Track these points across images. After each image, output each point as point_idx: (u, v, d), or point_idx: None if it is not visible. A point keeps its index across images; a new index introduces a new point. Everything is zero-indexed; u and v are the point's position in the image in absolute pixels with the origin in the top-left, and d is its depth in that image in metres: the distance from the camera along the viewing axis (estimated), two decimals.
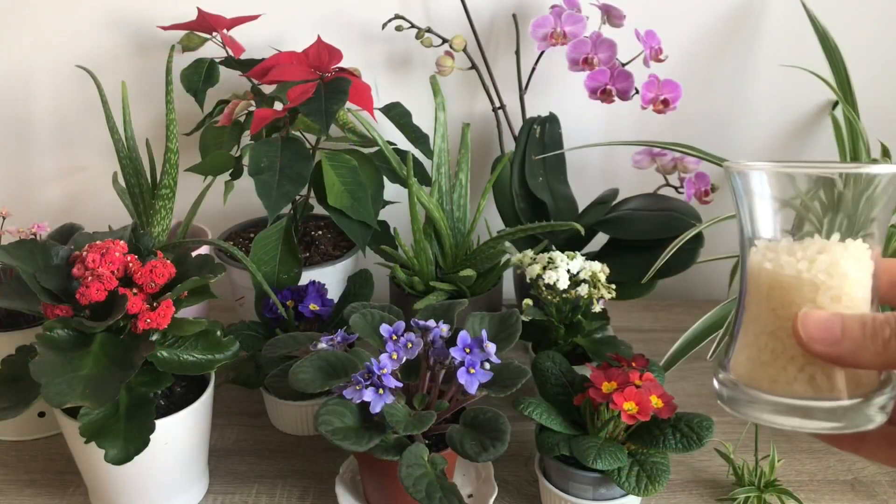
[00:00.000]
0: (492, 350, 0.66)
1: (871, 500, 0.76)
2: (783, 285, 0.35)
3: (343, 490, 0.75)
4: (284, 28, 1.03)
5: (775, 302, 0.35)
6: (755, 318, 0.36)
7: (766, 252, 0.36)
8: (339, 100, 0.81)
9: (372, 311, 0.72)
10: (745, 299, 0.37)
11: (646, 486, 0.67)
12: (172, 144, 0.87)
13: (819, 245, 0.35)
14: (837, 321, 0.32)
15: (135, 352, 0.65)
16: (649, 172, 1.03)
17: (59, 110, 1.08)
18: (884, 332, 0.31)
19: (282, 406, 0.85)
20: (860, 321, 0.32)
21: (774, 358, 0.35)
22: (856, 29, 1.03)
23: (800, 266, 0.35)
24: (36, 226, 0.87)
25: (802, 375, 0.35)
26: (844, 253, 0.35)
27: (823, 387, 0.34)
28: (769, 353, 0.35)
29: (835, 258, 0.34)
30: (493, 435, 0.64)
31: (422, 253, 0.87)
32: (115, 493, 0.72)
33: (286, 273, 0.88)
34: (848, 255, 0.35)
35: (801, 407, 0.34)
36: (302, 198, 0.97)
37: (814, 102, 1.08)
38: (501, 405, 0.70)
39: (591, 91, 0.92)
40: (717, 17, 1.04)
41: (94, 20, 1.03)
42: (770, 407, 0.35)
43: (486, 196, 0.90)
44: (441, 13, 1.03)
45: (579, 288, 0.82)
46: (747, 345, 0.37)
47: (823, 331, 0.33)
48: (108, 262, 0.66)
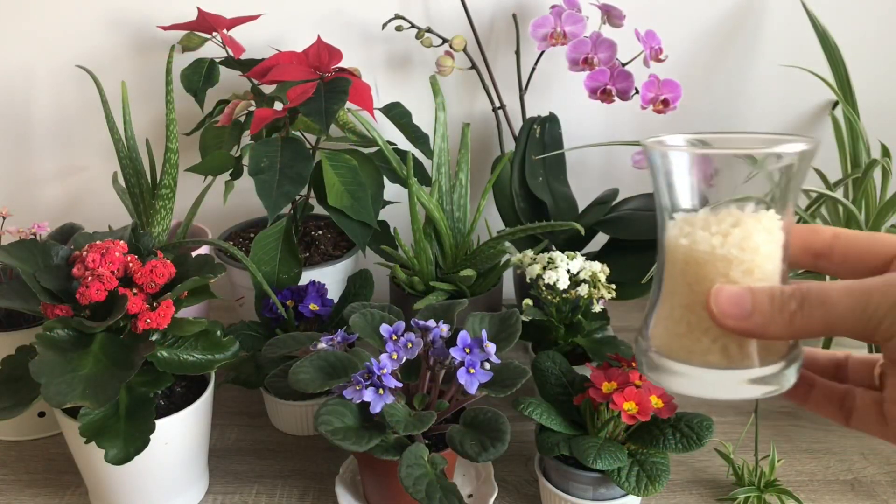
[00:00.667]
0: (492, 350, 0.66)
1: (871, 500, 0.76)
2: (697, 261, 0.36)
3: (343, 490, 0.75)
4: (284, 28, 1.03)
5: (690, 277, 0.36)
6: (672, 291, 0.38)
7: (683, 226, 0.37)
8: (339, 100, 0.81)
9: (372, 311, 0.72)
10: (662, 272, 0.38)
11: (646, 486, 0.67)
12: (172, 144, 0.87)
13: (734, 217, 0.36)
14: (748, 296, 0.34)
15: (135, 352, 0.65)
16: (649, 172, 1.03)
17: (59, 110, 1.08)
18: (790, 305, 0.33)
19: (282, 406, 0.85)
20: (769, 295, 0.34)
21: (690, 330, 0.36)
22: (856, 29, 1.03)
23: (713, 241, 0.36)
24: (36, 226, 0.87)
25: (716, 346, 0.36)
26: (757, 226, 0.36)
27: (736, 357, 0.36)
28: (685, 325, 0.37)
29: (747, 232, 0.35)
30: (493, 435, 0.64)
31: (422, 253, 0.87)
32: (115, 493, 0.72)
33: (286, 273, 0.88)
34: (761, 227, 0.36)
35: (715, 376, 0.36)
36: (302, 198, 0.97)
37: (814, 102, 1.08)
38: (501, 405, 0.70)
39: (591, 91, 0.92)
40: (717, 17, 1.04)
41: (94, 20, 1.03)
42: (685, 378, 0.36)
43: (486, 196, 0.90)
44: (441, 13, 1.03)
45: (579, 288, 0.82)
46: (664, 316, 0.38)
47: (734, 306, 0.34)
48: (108, 262, 0.66)
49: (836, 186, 0.92)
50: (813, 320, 0.32)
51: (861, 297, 0.31)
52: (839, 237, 0.38)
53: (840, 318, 0.32)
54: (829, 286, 0.33)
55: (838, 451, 0.83)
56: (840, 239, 0.38)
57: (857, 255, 0.37)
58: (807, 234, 0.39)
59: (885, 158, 0.91)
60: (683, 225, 0.37)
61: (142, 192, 0.93)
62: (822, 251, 0.39)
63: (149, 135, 1.00)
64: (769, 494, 0.74)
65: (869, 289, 0.31)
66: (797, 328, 0.33)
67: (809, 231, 0.39)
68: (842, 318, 0.32)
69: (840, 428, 0.86)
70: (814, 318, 0.32)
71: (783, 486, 0.75)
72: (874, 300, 0.31)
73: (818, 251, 0.39)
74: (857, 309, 0.31)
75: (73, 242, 0.74)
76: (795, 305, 0.33)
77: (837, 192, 0.90)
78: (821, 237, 0.38)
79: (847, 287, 0.32)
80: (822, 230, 0.39)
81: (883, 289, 0.31)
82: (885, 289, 0.31)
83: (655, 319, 0.38)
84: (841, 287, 0.32)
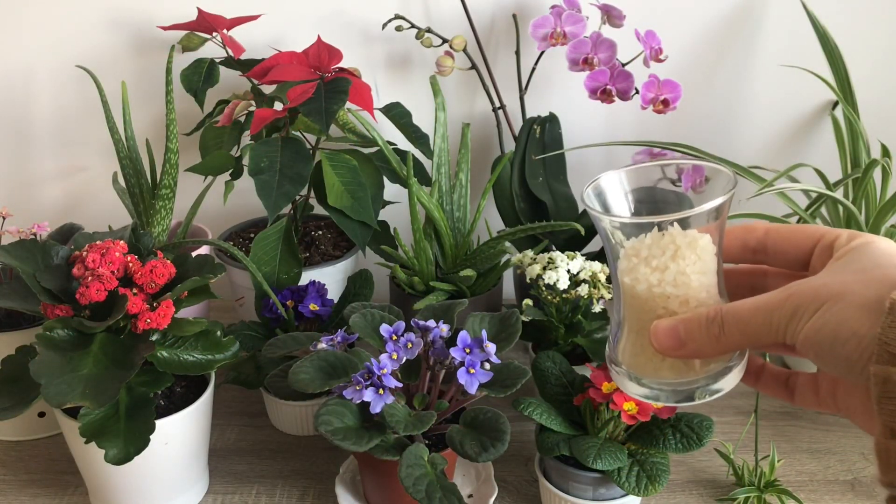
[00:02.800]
0: (492, 350, 0.66)
1: (871, 500, 0.76)
2: (640, 297, 0.41)
3: (343, 490, 0.75)
4: (284, 28, 1.03)
5: (636, 309, 0.42)
6: (626, 316, 0.43)
7: (630, 258, 0.41)
8: (339, 100, 0.81)
9: (372, 311, 0.72)
10: (618, 296, 0.43)
11: (646, 486, 0.67)
12: (172, 144, 0.87)
13: (673, 247, 0.40)
14: (681, 328, 0.39)
15: (135, 352, 0.65)
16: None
17: (59, 110, 1.08)
18: (713, 330, 0.38)
19: (282, 406, 0.85)
20: (696, 324, 0.39)
21: (643, 350, 0.42)
22: (856, 29, 1.03)
23: (651, 280, 0.40)
24: (36, 226, 0.87)
25: (665, 364, 0.41)
26: (691, 257, 0.40)
27: (683, 371, 0.41)
28: (640, 347, 0.42)
29: (681, 268, 0.40)
30: (493, 435, 0.64)
31: (422, 253, 0.87)
32: (115, 493, 0.72)
33: (286, 273, 0.88)
34: (695, 257, 0.40)
35: (669, 387, 0.42)
36: (302, 198, 0.97)
37: (814, 102, 1.08)
38: (501, 405, 0.70)
39: (591, 91, 0.92)
40: (717, 17, 1.04)
41: (94, 20, 1.03)
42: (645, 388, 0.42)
43: (486, 196, 0.90)
44: (441, 13, 1.03)
45: (579, 288, 0.82)
46: (623, 337, 0.43)
47: (671, 338, 0.39)
48: (108, 262, 0.66)
49: (836, 186, 0.92)
50: (734, 338, 0.38)
51: (766, 314, 0.37)
52: (769, 233, 0.43)
53: (755, 333, 0.37)
54: (742, 307, 0.38)
55: (838, 451, 0.83)
56: (770, 235, 0.42)
57: (784, 248, 0.42)
58: (742, 234, 0.43)
59: (885, 158, 0.91)
60: (631, 257, 0.41)
61: (142, 192, 0.93)
62: (757, 248, 0.43)
63: (149, 135, 1.00)
64: (769, 494, 0.74)
65: (771, 306, 0.37)
66: (724, 347, 0.38)
67: (744, 231, 0.43)
68: (756, 332, 0.37)
69: (840, 428, 0.86)
70: (735, 336, 0.38)
71: (783, 487, 0.75)
72: (776, 315, 0.36)
73: (754, 248, 0.43)
74: (764, 324, 0.37)
75: (73, 242, 0.74)
76: (717, 329, 0.38)
77: (837, 192, 0.90)
78: (755, 235, 0.43)
79: (755, 306, 0.37)
80: (755, 228, 0.43)
81: (780, 304, 0.36)
82: (782, 303, 0.36)
83: (618, 336, 0.44)
84: (751, 306, 0.37)
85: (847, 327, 0.34)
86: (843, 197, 0.90)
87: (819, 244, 0.40)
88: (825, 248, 0.40)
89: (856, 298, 0.34)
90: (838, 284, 0.35)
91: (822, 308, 0.35)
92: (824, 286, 0.36)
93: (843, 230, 0.40)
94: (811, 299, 0.35)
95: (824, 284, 0.36)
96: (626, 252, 0.42)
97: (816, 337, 0.35)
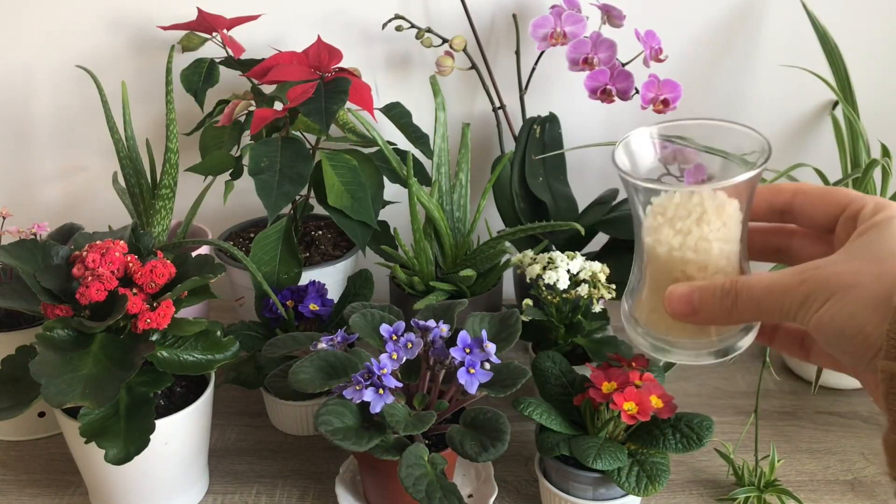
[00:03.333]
0: (492, 350, 0.66)
1: (871, 500, 0.76)
2: (659, 259, 0.41)
3: (343, 490, 0.75)
4: (284, 28, 1.03)
5: (655, 269, 0.42)
6: (645, 274, 0.43)
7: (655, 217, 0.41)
8: (339, 100, 0.81)
9: (372, 311, 0.72)
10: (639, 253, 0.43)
11: (646, 486, 0.67)
12: (172, 144, 0.87)
13: (700, 210, 0.40)
14: (695, 295, 0.40)
15: (135, 352, 0.65)
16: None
17: (59, 110, 1.08)
18: (726, 302, 0.39)
19: (282, 406, 0.85)
20: (710, 293, 0.39)
21: (658, 308, 0.42)
22: (856, 29, 1.03)
23: (673, 243, 0.40)
24: (36, 226, 0.87)
25: (679, 324, 0.42)
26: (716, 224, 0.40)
27: (695, 333, 0.42)
28: (656, 305, 0.42)
29: (703, 234, 0.40)
30: (493, 435, 0.64)
31: (422, 253, 0.87)
32: (115, 493, 0.72)
33: (286, 273, 0.88)
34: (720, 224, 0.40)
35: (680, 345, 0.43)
36: (302, 198, 0.97)
37: (814, 102, 1.08)
38: (501, 405, 0.70)
39: (591, 91, 0.92)
40: (717, 17, 1.04)
41: (94, 20, 1.03)
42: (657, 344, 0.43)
43: (486, 196, 0.90)
44: (441, 13, 1.03)
45: (579, 288, 0.82)
46: (641, 293, 0.44)
47: (684, 305, 0.40)
48: (108, 262, 0.66)
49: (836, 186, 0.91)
50: (747, 313, 0.39)
51: (779, 296, 0.37)
52: (797, 195, 0.43)
53: (767, 311, 0.38)
54: (756, 284, 0.38)
55: (838, 451, 0.83)
56: (798, 197, 0.43)
57: (811, 213, 0.42)
58: (770, 196, 0.43)
59: (885, 158, 0.91)
60: (657, 215, 0.41)
61: (142, 192, 0.93)
62: (785, 209, 0.43)
63: (149, 135, 1.00)
64: (769, 494, 0.74)
65: (784, 288, 0.37)
66: (736, 319, 0.39)
67: (772, 192, 0.43)
68: (768, 311, 0.38)
69: (840, 428, 0.86)
70: (747, 311, 0.39)
71: (783, 487, 0.75)
72: (787, 299, 0.37)
73: (781, 209, 0.43)
74: (776, 304, 0.37)
75: (73, 242, 0.73)
76: (731, 302, 0.39)
77: None
78: (782, 197, 0.43)
79: (769, 286, 0.38)
80: (783, 190, 0.43)
81: (793, 288, 0.37)
82: (795, 288, 0.37)
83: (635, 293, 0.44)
84: (765, 286, 0.38)
85: (855, 323, 0.34)
86: None
87: (845, 212, 0.40)
88: (850, 216, 0.40)
89: (865, 293, 0.34)
90: (850, 275, 0.35)
91: (833, 299, 0.35)
92: (836, 275, 0.36)
93: (869, 198, 0.40)
94: (822, 288, 0.36)
95: (837, 273, 0.36)
96: (652, 209, 0.41)
97: (826, 328, 0.35)
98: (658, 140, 0.44)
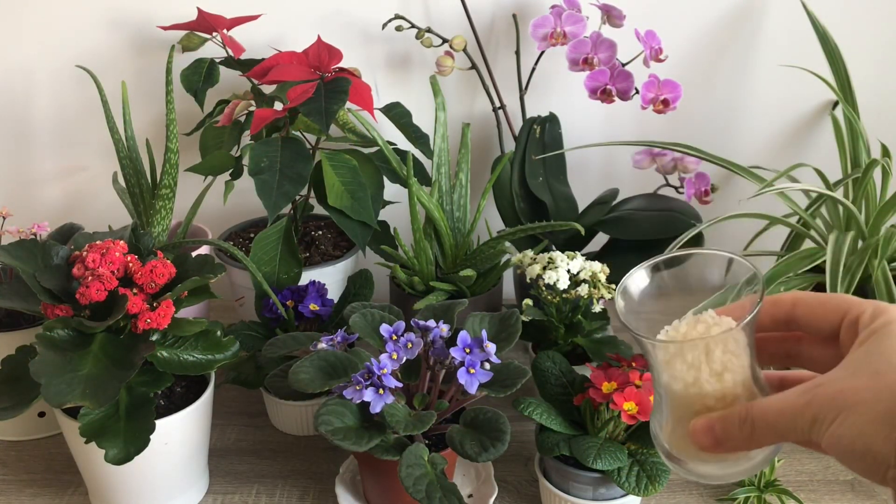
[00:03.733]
0: (492, 350, 0.66)
1: (871, 500, 0.76)
2: (677, 394, 0.43)
3: (343, 490, 0.75)
4: (284, 28, 1.03)
5: (675, 402, 0.44)
6: (666, 405, 0.44)
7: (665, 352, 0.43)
8: (339, 100, 0.81)
9: (372, 311, 0.72)
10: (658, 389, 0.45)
11: (646, 486, 0.67)
12: (172, 144, 0.87)
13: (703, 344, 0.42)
14: (717, 428, 0.41)
15: (135, 352, 0.65)
16: (649, 172, 1.03)
17: (59, 110, 1.08)
18: (746, 430, 0.40)
19: (282, 406, 0.85)
20: (730, 423, 0.41)
21: (684, 437, 0.44)
22: (856, 29, 1.03)
23: (687, 378, 0.42)
24: (36, 226, 0.87)
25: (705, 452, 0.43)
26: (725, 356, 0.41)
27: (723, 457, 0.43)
28: (681, 432, 0.44)
29: (712, 367, 0.42)
30: (493, 435, 0.64)
31: (422, 253, 0.87)
32: (115, 493, 0.72)
33: (286, 273, 0.88)
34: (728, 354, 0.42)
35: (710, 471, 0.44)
36: (302, 198, 0.97)
37: (814, 102, 1.08)
38: (501, 405, 0.70)
39: (591, 91, 0.92)
40: (717, 17, 1.04)
41: (94, 20, 1.03)
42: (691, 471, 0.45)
43: (486, 196, 0.90)
44: (441, 13, 1.03)
45: (579, 288, 0.82)
46: (666, 421, 0.45)
47: (708, 437, 0.42)
48: (108, 262, 0.66)
49: (836, 186, 0.92)
50: (767, 437, 0.40)
51: (790, 419, 0.39)
52: (797, 306, 0.44)
53: (784, 434, 0.39)
54: (769, 409, 0.40)
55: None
56: (798, 308, 0.44)
57: (813, 323, 0.43)
58: (771, 309, 0.44)
59: (885, 158, 0.91)
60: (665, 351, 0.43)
61: (142, 192, 0.93)
62: (788, 319, 0.44)
63: (149, 135, 1.00)
64: (769, 494, 0.74)
65: (794, 411, 0.38)
66: (759, 444, 0.41)
67: (772, 305, 0.44)
68: (784, 433, 0.39)
69: None
70: (766, 436, 0.40)
71: (783, 486, 0.75)
72: (799, 422, 0.38)
73: (785, 320, 0.44)
74: (790, 427, 0.39)
75: (73, 242, 0.73)
76: (749, 429, 0.40)
77: (837, 192, 0.90)
78: (782, 308, 0.44)
79: (780, 409, 0.39)
80: (782, 301, 0.44)
81: (802, 411, 0.38)
82: (803, 410, 0.38)
83: (662, 420, 0.46)
84: (776, 410, 0.39)
85: (862, 442, 0.36)
86: (843, 197, 0.90)
87: (845, 320, 0.41)
88: (851, 323, 0.41)
89: (868, 412, 0.36)
90: (852, 393, 0.37)
91: (838, 419, 0.36)
92: (840, 394, 0.37)
93: (867, 304, 0.41)
94: (829, 408, 0.37)
95: (840, 392, 0.37)
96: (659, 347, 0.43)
97: (836, 448, 0.37)
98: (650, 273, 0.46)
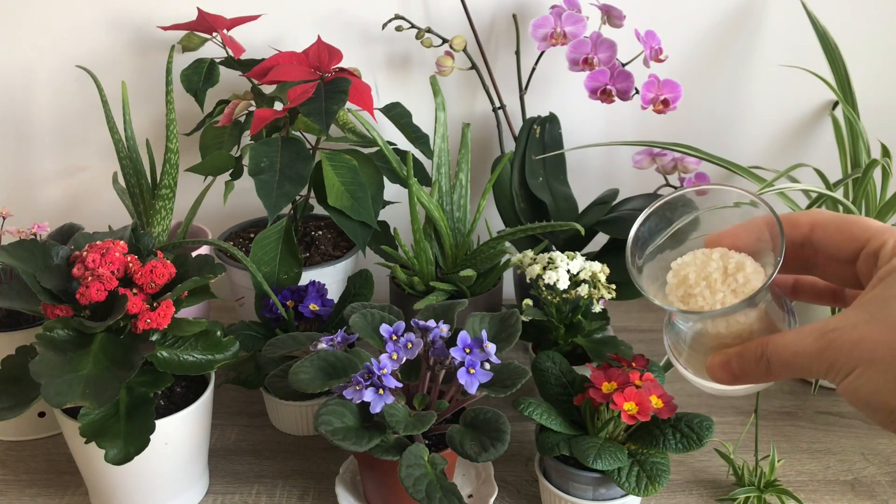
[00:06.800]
0: (492, 350, 0.66)
1: (871, 500, 0.76)
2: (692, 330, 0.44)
3: (343, 490, 0.75)
4: (284, 28, 1.03)
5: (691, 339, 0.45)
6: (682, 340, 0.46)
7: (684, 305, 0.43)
8: (339, 100, 0.81)
9: (372, 311, 0.72)
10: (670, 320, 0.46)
11: (646, 486, 0.67)
12: (172, 144, 0.87)
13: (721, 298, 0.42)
14: (734, 364, 0.42)
15: (135, 352, 0.65)
16: (649, 172, 1.03)
17: (59, 110, 1.08)
18: (762, 366, 0.41)
19: (282, 406, 0.85)
20: (747, 360, 0.41)
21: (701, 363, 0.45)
22: (856, 29, 1.03)
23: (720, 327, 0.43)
24: (36, 226, 0.87)
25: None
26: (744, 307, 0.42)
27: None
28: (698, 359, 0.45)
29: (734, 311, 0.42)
30: (493, 435, 0.64)
31: (422, 253, 0.87)
32: (115, 493, 0.72)
33: (286, 273, 0.88)
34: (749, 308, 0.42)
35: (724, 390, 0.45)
36: (302, 198, 0.97)
37: (814, 102, 1.08)
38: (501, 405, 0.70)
39: (591, 91, 0.92)
40: (717, 17, 1.04)
41: (94, 20, 1.03)
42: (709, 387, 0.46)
43: (486, 196, 0.90)
44: (441, 13, 1.03)
45: (579, 288, 0.82)
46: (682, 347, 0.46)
47: (726, 373, 0.42)
48: (108, 262, 0.66)
49: (836, 186, 0.92)
50: (783, 375, 0.41)
51: (805, 361, 0.39)
52: (815, 230, 0.43)
53: (800, 373, 0.40)
54: (784, 350, 0.40)
55: (838, 451, 0.83)
56: (816, 233, 0.43)
57: (830, 249, 0.42)
58: (787, 230, 0.43)
59: (885, 158, 0.91)
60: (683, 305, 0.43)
61: (142, 192, 0.93)
62: (805, 242, 0.43)
63: (149, 135, 1.00)
64: (769, 495, 0.74)
65: (809, 354, 0.39)
66: (776, 378, 0.41)
67: (789, 227, 0.43)
68: (801, 373, 0.40)
69: (840, 428, 0.86)
70: (782, 373, 0.40)
71: (783, 487, 0.75)
72: (815, 366, 0.38)
73: (801, 243, 0.43)
74: (805, 368, 0.39)
75: (73, 242, 0.73)
76: (765, 366, 0.41)
77: (837, 192, 0.90)
78: (800, 231, 0.43)
79: (795, 352, 0.39)
80: (800, 222, 0.43)
81: (817, 354, 0.38)
82: (819, 354, 0.38)
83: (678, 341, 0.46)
84: (791, 351, 0.39)
85: (878, 398, 0.36)
86: (843, 197, 0.90)
87: (864, 250, 0.40)
88: (870, 255, 0.40)
89: (887, 370, 0.36)
90: (869, 347, 0.36)
91: (855, 372, 0.37)
92: (857, 346, 0.37)
93: (889, 234, 0.40)
94: (845, 359, 0.37)
95: (857, 343, 0.37)
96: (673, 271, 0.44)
97: (853, 397, 0.37)
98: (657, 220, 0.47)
